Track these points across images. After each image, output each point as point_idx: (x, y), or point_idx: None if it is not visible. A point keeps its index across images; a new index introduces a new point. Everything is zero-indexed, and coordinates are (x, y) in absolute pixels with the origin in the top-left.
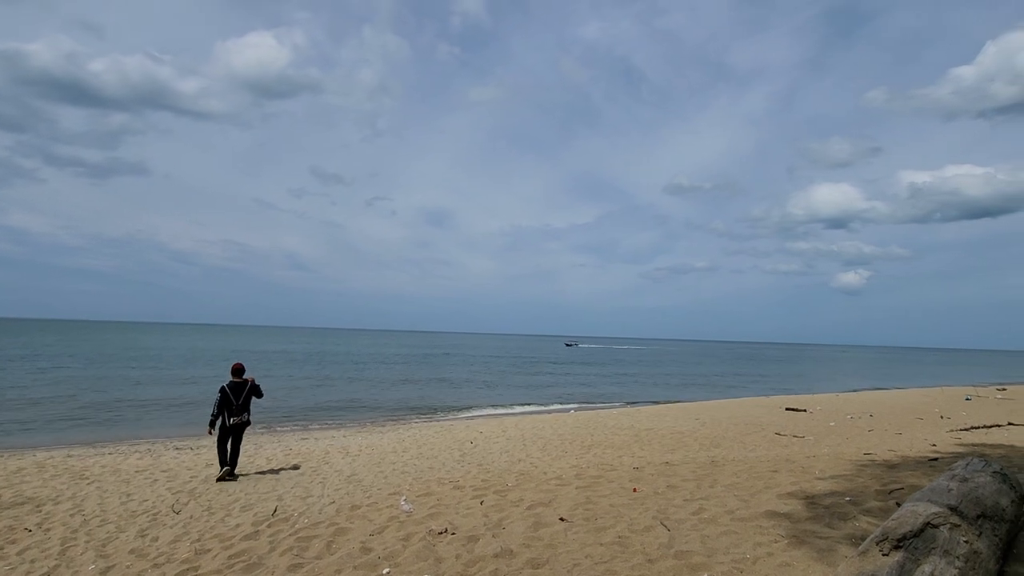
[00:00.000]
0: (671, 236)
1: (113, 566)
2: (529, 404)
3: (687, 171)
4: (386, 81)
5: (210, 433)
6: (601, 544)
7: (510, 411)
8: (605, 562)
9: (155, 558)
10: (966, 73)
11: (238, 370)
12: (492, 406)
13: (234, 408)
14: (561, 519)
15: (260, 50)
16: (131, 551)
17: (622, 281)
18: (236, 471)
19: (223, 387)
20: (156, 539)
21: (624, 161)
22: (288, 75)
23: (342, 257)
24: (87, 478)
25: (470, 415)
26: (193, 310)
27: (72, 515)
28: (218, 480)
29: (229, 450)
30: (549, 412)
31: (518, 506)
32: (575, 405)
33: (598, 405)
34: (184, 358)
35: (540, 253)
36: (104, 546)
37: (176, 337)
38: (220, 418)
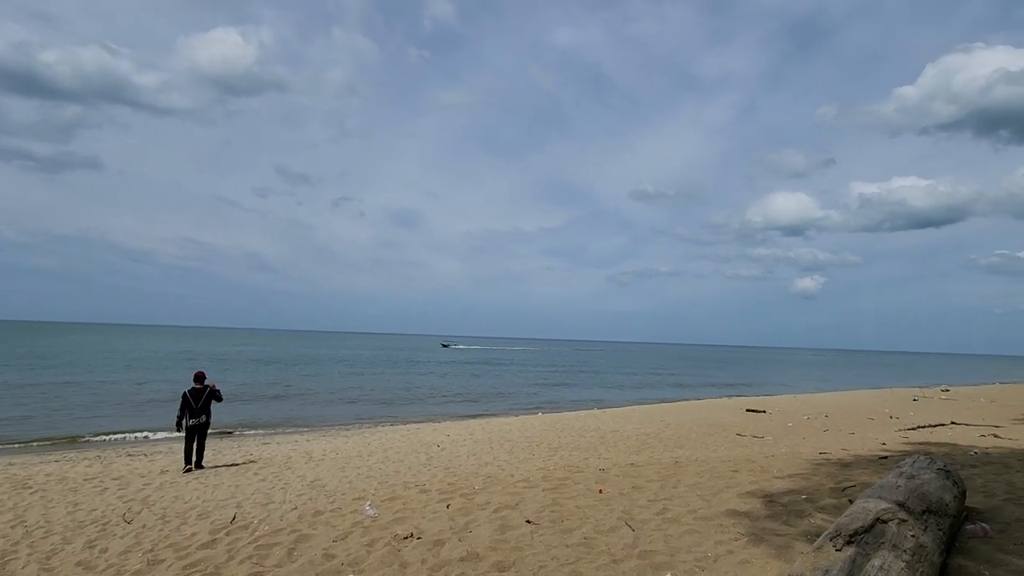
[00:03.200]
0: (637, 241)
1: None
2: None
3: (652, 178)
4: (355, 81)
5: (177, 430)
6: (567, 545)
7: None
8: (571, 563)
9: (103, 570)
10: (909, 92)
11: (199, 377)
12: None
13: (194, 410)
14: (528, 521)
15: (225, 46)
16: (78, 563)
17: (589, 285)
18: (203, 463)
19: (184, 392)
20: (105, 550)
21: (592, 166)
22: (254, 72)
23: (308, 258)
24: (30, 487)
25: (435, 418)
26: (150, 311)
27: (13, 526)
28: (184, 471)
29: (194, 448)
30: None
31: (485, 509)
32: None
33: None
34: (138, 361)
35: (510, 256)
36: (48, 559)
37: (131, 339)
38: (184, 418)
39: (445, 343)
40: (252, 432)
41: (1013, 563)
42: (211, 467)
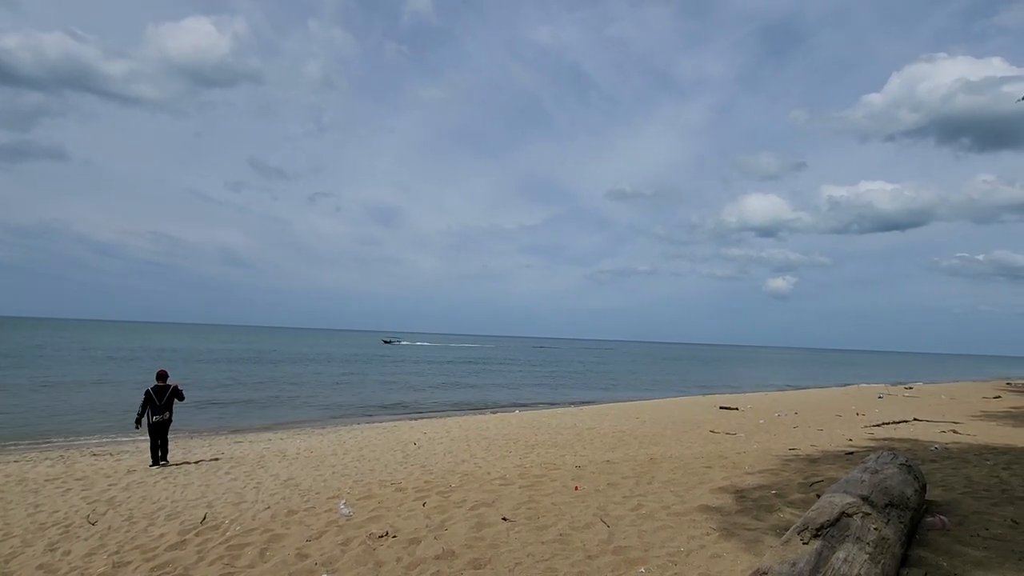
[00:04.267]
0: (615, 240)
1: None
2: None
3: (630, 177)
4: (332, 75)
5: (136, 427)
6: (542, 542)
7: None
8: (546, 560)
9: (66, 573)
10: (876, 100)
11: (162, 375)
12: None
13: (157, 408)
14: (504, 519)
15: (198, 36)
16: (39, 566)
17: (568, 282)
18: (168, 459)
19: (147, 390)
20: (68, 552)
21: (571, 165)
22: (228, 63)
23: (284, 254)
24: None
25: (412, 416)
26: (119, 306)
27: None
28: (150, 467)
29: (158, 445)
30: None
31: (461, 507)
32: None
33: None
34: (104, 359)
35: (489, 253)
36: (7, 562)
37: (98, 336)
38: (145, 415)
39: (387, 339)
40: (224, 430)
41: (969, 554)
42: (180, 466)
